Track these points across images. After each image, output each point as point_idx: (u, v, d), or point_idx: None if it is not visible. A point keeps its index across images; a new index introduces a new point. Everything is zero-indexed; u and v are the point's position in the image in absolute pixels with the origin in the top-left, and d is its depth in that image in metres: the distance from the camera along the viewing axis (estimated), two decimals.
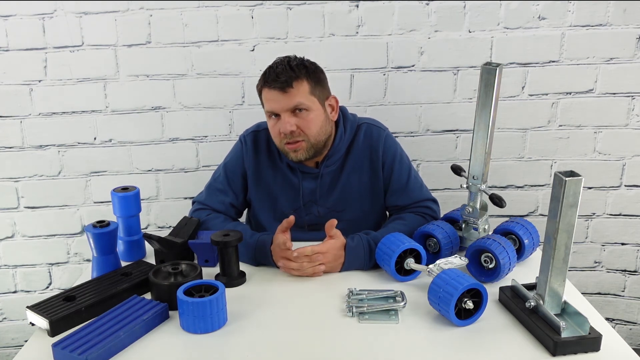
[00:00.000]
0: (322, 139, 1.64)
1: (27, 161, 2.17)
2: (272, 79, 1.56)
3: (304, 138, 1.60)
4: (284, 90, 1.55)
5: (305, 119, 1.59)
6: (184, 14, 2.04)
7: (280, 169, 1.73)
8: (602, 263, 2.34)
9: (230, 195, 1.74)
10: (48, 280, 2.33)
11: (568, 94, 2.15)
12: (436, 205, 1.75)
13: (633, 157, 2.20)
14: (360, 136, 1.71)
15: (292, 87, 1.55)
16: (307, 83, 1.58)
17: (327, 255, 1.49)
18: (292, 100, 1.56)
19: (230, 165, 1.76)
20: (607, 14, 2.05)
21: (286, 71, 1.56)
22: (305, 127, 1.59)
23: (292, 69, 1.57)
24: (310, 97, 1.59)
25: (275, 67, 1.59)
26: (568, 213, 1.13)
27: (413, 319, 1.30)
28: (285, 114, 1.57)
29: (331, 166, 1.71)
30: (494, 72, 1.42)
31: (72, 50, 2.06)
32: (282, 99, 1.56)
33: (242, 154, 1.74)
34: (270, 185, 1.73)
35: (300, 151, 1.61)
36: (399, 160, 1.72)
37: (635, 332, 2.39)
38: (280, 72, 1.56)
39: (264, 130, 1.74)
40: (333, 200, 1.73)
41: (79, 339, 1.17)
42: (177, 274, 1.37)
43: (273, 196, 1.74)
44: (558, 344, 1.15)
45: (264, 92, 1.60)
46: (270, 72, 1.59)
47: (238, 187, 1.75)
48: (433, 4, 2.05)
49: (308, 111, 1.59)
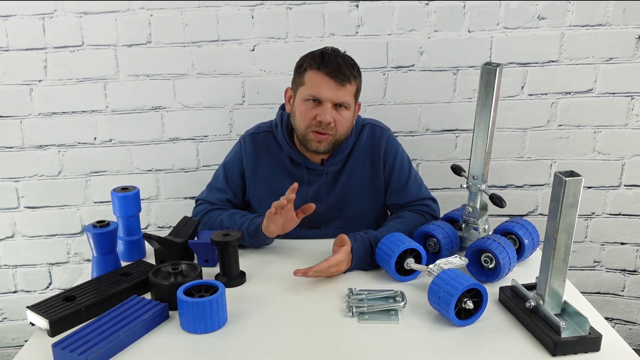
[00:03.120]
0: (344, 138, 1.68)
1: (27, 161, 2.17)
2: (334, 68, 1.57)
3: (333, 133, 1.62)
4: (342, 83, 1.57)
5: (343, 116, 1.62)
6: (184, 14, 2.04)
7: (282, 166, 1.73)
8: (602, 263, 2.34)
9: (228, 194, 1.76)
10: (48, 280, 2.33)
11: (568, 94, 2.15)
12: (436, 204, 1.75)
13: (632, 156, 2.20)
14: (363, 136, 1.73)
15: (350, 83, 1.59)
16: (356, 85, 1.63)
17: (342, 265, 1.48)
18: (342, 96, 1.59)
19: (230, 165, 1.77)
20: (606, 14, 2.05)
21: (348, 67, 1.59)
22: (339, 124, 1.62)
23: (351, 66, 1.61)
24: (352, 98, 1.63)
25: (334, 56, 1.59)
26: (568, 213, 1.14)
27: (413, 319, 1.30)
28: (329, 105, 1.59)
29: (336, 165, 1.72)
30: (494, 72, 1.42)
31: (72, 50, 2.06)
32: (336, 90, 1.58)
33: (241, 154, 1.76)
34: (271, 184, 1.73)
35: (324, 143, 1.63)
36: (400, 159, 1.74)
37: (635, 332, 2.39)
38: (342, 64, 1.58)
39: (264, 133, 1.75)
40: (334, 198, 1.73)
41: (79, 339, 1.17)
42: (177, 274, 1.37)
43: (274, 194, 1.73)
44: (558, 344, 1.15)
45: (315, 75, 1.59)
46: (330, 60, 1.58)
47: (237, 186, 1.76)
48: (433, 4, 2.05)
49: (347, 110, 1.62)
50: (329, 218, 1.74)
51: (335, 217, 1.74)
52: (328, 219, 1.74)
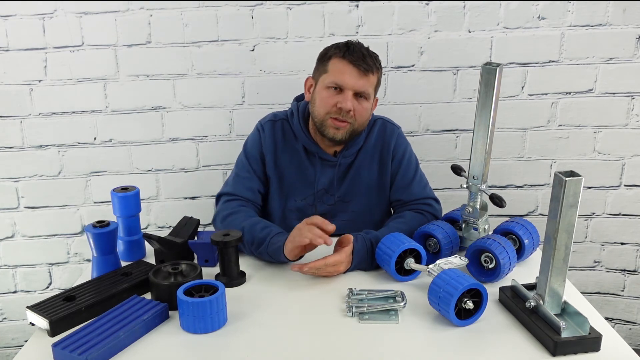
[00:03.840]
0: (361, 129, 1.70)
1: (27, 161, 2.17)
2: (359, 57, 1.60)
3: (352, 121, 1.64)
4: (365, 72, 1.61)
5: (363, 106, 1.64)
6: (184, 14, 2.04)
7: (297, 155, 1.74)
8: (602, 263, 2.34)
9: (255, 182, 1.74)
10: (48, 280, 2.33)
11: (568, 94, 2.15)
12: (438, 204, 1.76)
13: (632, 156, 2.20)
14: (374, 131, 1.76)
15: (373, 73, 1.63)
16: (377, 78, 1.67)
17: (340, 266, 1.48)
18: (364, 85, 1.62)
19: (251, 152, 1.76)
20: (606, 14, 2.05)
21: (371, 57, 1.63)
22: (358, 113, 1.64)
23: (375, 59, 1.65)
24: (373, 89, 1.66)
25: (359, 47, 1.64)
26: (568, 213, 1.14)
27: (413, 319, 1.30)
28: (350, 92, 1.61)
29: (348, 157, 1.74)
30: (494, 72, 1.42)
31: (72, 50, 2.06)
32: (359, 79, 1.61)
33: (260, 140, 1.75)
34: (285, 172, 1.75)
35: (341, 130, 1.65)
36: (408, 157, 1.77)
37: (635, 332, 2.39)
38: (366, 55, 1.62)
39: (281, 121, 1.76)
40: (343, 191, 1.75)
41: (79, 339, 1.17)
42: (177, 274, 1.37)
43: (287, 182, 1.75)
44: (558, 344, 1.15)
45: (339, 62, 1.62)
46: (354, 49, 1.62)
47: (260, 172, 1.76)
48: (433, 4, 2.05)
49: (367, 100, 1.65)
50: (336, 211, 1.75)
51: (341, 210, 1.76)
52: (335, 212, 1.75)
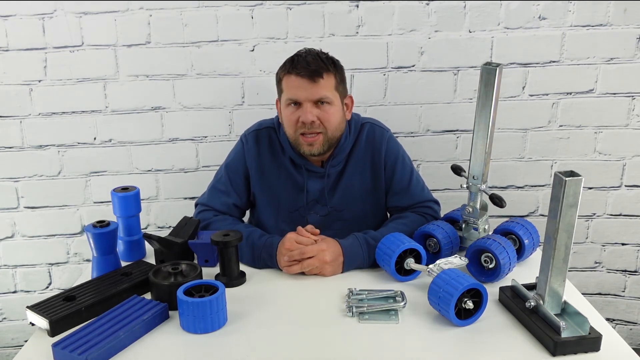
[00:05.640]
0: (338, 135, 1.64)
1: (27, 161, 2.17)
2: (302, 67, 1.55)
3: (323, 131, 1.59)
4: (313, 79, 1.55)
5: (327, 112, 1.59)
6: (184, 14, 2.03)
7: (284, 166, 1.71)
8: (603, 263, 2.34)
9: (232, 196, 1.73)
10: (48, 280, 2.33)
11: (568, 94, 2.15)
12: (437, 206, 1.75)
13: (633, 157, 2.20)
14: (362, 136, 1.71)
15: (322, 77, 1.56)
16: (334, 78, 1.59)
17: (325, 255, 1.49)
18: (319, 91, 1.56)
19: (232, 166, 1.74)
20: (607, 14, 2.05)
21: (317, 61, 1.56)
22: (325, 120, 1.59)
23: (323, 60, 1.58)
24: (334, 92, 1.60)
25: (304, 56, 1.59)
26: (568, 213, 1.13)
27: (413, 319, 1.30)
28: (308, 104, 1.57)
29: (337, 166, 1.70)
30: (494, 72, 1.41)
31: (72, 50, 2.06)
32: (310, 88, 1.55)
33: (244, 154, 1.73)
34: (274, 184, 1.72)
35: (315, 145, 1.61)
36: (401, 161, 1.72)
37: (636, 332, 2.39)
38: (311, 61, 1.56)
39: (266, 129, 1.73)
40: (335, 200, 1.72)
41: (79, 339, 1.17)
42: (177, 274, 1.37)
43: (276, 194, 1.72)
44: (558, 344, 1.14)
45: (288, 79, 1.59)
46: (299, 60, 1.57)
47: (240, 187, 1.74)
48: (433, 4, 2.05)
49: (330, 105, 1.59)
50: (330, 221, 1.72)
51: (336, 219, 1.72)
52: (329, 221, 1.72)
